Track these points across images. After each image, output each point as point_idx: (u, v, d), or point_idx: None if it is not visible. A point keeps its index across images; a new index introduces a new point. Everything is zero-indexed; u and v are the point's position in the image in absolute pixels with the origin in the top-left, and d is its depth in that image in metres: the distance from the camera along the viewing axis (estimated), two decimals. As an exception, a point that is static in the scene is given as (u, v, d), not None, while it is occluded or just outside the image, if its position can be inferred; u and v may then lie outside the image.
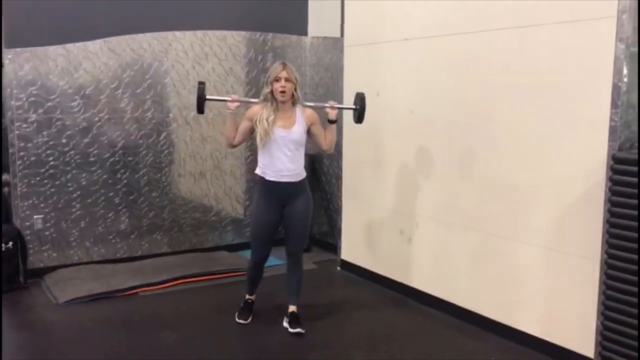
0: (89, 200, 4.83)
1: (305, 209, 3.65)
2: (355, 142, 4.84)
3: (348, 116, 4.41)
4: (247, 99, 4.03)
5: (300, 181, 3.58)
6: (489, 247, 3.72)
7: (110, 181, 4.90)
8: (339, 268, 5.10)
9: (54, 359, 3.40)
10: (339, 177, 5.13)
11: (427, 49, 4.08)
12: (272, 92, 3.46)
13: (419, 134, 4.19)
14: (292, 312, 3.75)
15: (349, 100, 4.69)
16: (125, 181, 4.96)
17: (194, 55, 5.12)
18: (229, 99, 3.55)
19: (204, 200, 5.35)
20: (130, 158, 4.96)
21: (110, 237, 4.96)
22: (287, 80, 3.43)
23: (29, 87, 4.50)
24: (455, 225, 3.93)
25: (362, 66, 4.73)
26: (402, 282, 4.39)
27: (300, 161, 3.57)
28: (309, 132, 3.58)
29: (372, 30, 4.57)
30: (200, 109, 3.58)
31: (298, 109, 3.55)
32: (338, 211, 5.24)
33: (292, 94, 3.48)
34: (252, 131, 3.55)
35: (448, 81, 3.92)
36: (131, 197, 5.00)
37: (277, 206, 3.59)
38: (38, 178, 4.61)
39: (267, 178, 3.52)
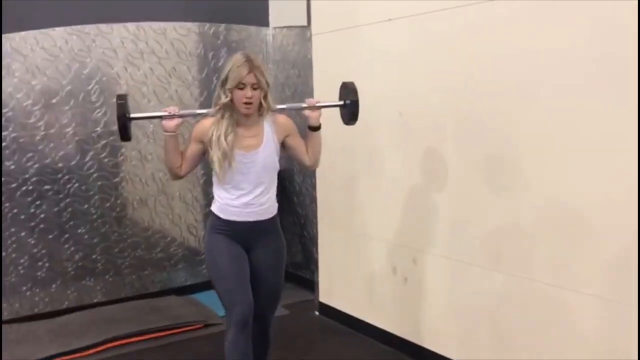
0: (-7, 243, 3.78)
1: (278, 257, 2.64)
2: (331, 154, 3.83)
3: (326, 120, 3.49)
4: (191, 112, 2.86)
5: (271, 219, 2.57)
6: (516, 295, 2.73)
7: (22, 217, 3.85)
8: (317, 313, 4.08)
9: None
10: (313, 199, 4.12)
11: (417, 30, 3.11)
12: (231, 100, 2.42)
13: (413, 142, 3.20)
14: None
15: (323, 98, 3.75)
16: (41, 216, 3.91)
17: (125, 54, 4.10)
18: (165, 113, 2.45)
19: (146, 233, 4.30)
20: (47, 186, 3.91)
21: (25, 287, 3.90)
22: (255, 87, 2.37)
23: None
24: (467, 262, 2.94)
25: (334, 58, 3.74)
26: (398, 335, 3.39)
27: (273, 191, 2.58)
28: (284, 146, 2.57)
29: (345, 11, 3.58)
30: (125, 134, 2.42)
31: (267, 119, 2.51)
32: (314, 240, 4.25)
33: (261, 102, 2.45)
34: (203, 154, 2.51)
35: (447, 70, 2.95)
36: (50, 236, 3.95)
37: (239, 245, 2.55)
38: None
39: (225, 217, 2.51)
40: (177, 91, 4.29)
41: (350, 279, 3.81)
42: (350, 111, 2.60)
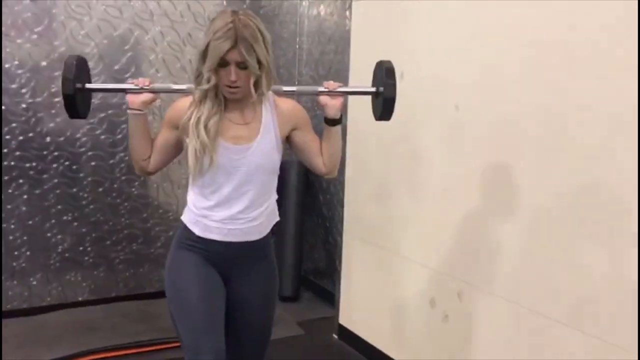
0: (-37, 226, 3.24)
1: (267, 291, 1.97)
2: (363, 152, 3.15)
3: (358, 108, 2.86)
4: (166, 86, 2.08)
5: (261, 239, 1.90)
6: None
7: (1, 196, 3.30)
8: (335, 336, 3.42)
9: None
10: (341, 201, 3.44)
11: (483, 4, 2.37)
12: (215, 83, 1.73)
13: (473, 144, 2.48)
14: None
15: (359, 82, 3.06)
16: (23, 197, 3.35)
17: (132, 14, 3.47)
18: (131, 85, 1.83)
19: (145, 224, 3.71)
20: (30, 164, 3.34)
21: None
22: (241, 66, 1.69)
23: None
24: (537, 312, 2.22)
25: (378, 31, 3.02)
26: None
27: (269, 201, 1.90)
28: (289, 142, 1.91)
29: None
30: (72, 109, 1.80)
31: (266, 103, 1.84)
32: (338, 247, 3.58)
33: (253, 85, 1.75)
34: (179, 147, 1.86)
35: (521, 56, 2.21)
36: (31, 222, 3.39)
37: (213, 269, 1.87)
38: None
39: (201, 233, 1.84)
40: (191, 61, 3.65)
41: (375, 303, 3.12)
42: (383, 100, 1.83)
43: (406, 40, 2.78)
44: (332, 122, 1.85)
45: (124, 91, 1.84)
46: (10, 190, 3.30)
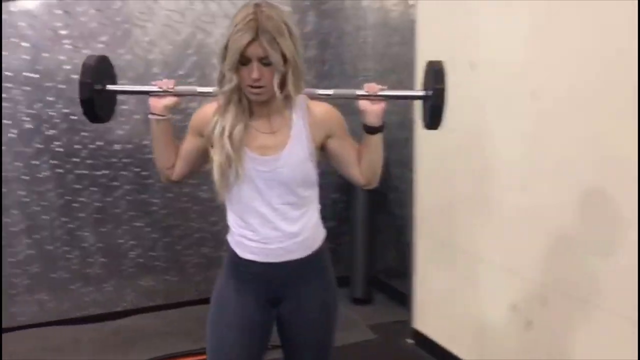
0: (40, 236, 3.32)
1: (323, 312, 1.78)
2: (435, 146, 2.99)
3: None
4: (190, 89, 1.78)
5: (310, 255, 1.73)
6: None
7: (74, 205, 3.36)
8: (409, 341, 3.29)
9: None
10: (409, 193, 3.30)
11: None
12: (237, 83, 1.56)
13: (551, 134, 2.28)
14: None
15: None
16: (95, 205, 3.40)
17: (193, 18, 3.45)
18: (154, 88, 1.69)
19: (214, 228, 3.70)
20: (102, 172, 3.39)
21: (74, 286, 3.43)
22: (264, 62, 1.51)
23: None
24: (623, 315, 2.01)
25: (446, 20, 2.85)
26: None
27: (307, 214, 1.71)
28: (323, 149, 1.70)
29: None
30: (89, 111, 1.69)
31: (297, 108, 1.65)
32: (410, 249, 3.45)
33: (278, 86, 1.56)
34: (206, 155, 1.68)
35: (605, 38, 1.99)
36: (104, 229, 3.44)
37: (262, 301, 1.74)
38: (-42, 205, 3.15)
39: (242, 254, 1.71)
40: (253, 63, 3.60)
41: (451, 307, 2.96)
42: (431, 107, 1.61)
43: (478, 27, 2.60)
44: (373, 129, 1.64)
45: (147, 93, 1.71)
46: (82, 199, 3.36)
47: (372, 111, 1.62)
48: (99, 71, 1.72)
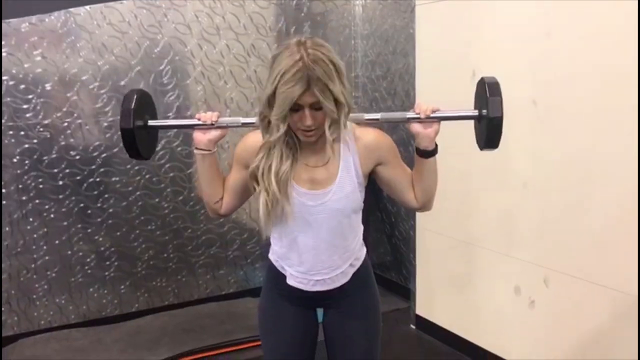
0: (59, 241, 3.43)
1: (367, 320, 1.77)
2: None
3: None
4: (234, 120, 1.69)
5: (353, 276, 1.73)
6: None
7: (88, 212, 3.49)
8: (412, 326, 3.57)
9: None
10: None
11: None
12: (286, 125, 1.52)
13: (552, 139, 2.60)
14: None
15: (426, 85, 3.19)
16: (110, 211, 3.54)
17: (200, 30, 3.63)
18: (197, 121, 1.65)
19: (222, 229, 3.89)
20: (115, 178, 3.53)
21: (93, 288, 3.56)
22: (316, 107, 1.47)
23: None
24: (630, 292, 2.35)
25: (444, 31, 3.14)
26: (518, 366, 2.85)
27: (354, 240, 1.71)
28: (374, 175, 1.69)
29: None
30: (132, 149, 1.67)
31: (345, 137, 1.60)
32: (407, 242, 3.73)
33: (329, 127, 1.52)
34: (252, 189, 1.63)
35: (602, 46, 2.32)
36: (119, 233, 3.58)
37: (306, 311, 1.78)
38: (-19, 214, 3.24)
39: (287, 280, 1.72)
40: (256, 71, 3.81)
41: (455, 293, 3.26)
42: (487, 125, 1.58)
43: (479, 36, 2.89)
44: (427, 153, 1.60)
45: (190, 127, 1.67)
46: (99, 204, 3.49)
47: (425, 135, 1.57)
48: (141, 105, 1.68)
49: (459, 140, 2.26)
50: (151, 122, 1.72)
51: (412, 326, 3.56)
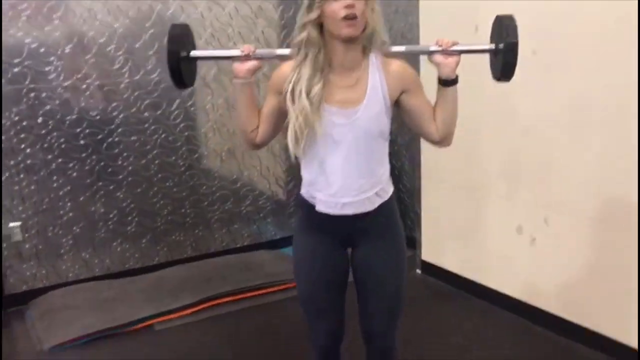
0: (83, 197, 3.61)
1: (394, 256, 1.87)
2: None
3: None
4: (269, 51, 1.92)
5: (380, 207, 1.82)
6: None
7: (109, 170, 3.65)
8: (418, 271, 3.80)
9: None
10: (410, 144, 3.77)
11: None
12: (319, 24, 1.66)
13: (552, 86, 2.78)
14: None
15: (431, 38, 3.34)
16: (129, 169, 3.71)
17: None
18: (238, 52, 1.76)
19: (235, 186, 4.07)
20: (133, 137, 3.69)
21: (115, 243, 3.75)
22: None
23: (-18, 48, 3.24)
24: (618, 223, 2.56)
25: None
26: (524, 301, 3.08)
27: (382, 168, 1.81)
28: (398, 106, 1.78)
29: None
30: (178, 78, 1.81)
31: (373, 61, 1.73)
32: (412, 192, 3.92)
33: (365, 25, 1.65)
34: (286, 115, 1.73)
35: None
36: (139, 190, 3.75)
37: (337, 246, 1.88)
38: (9, 173, 3.38)
39: (317, 208, 1.81)
40: (263, 32, 3.95)
41: (459, 238, 3.48)
42: (503, 58, 1.71)
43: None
44: (448, 82, 1.72)
45: (230, 59, 1.78)
46: (119, 162, 3.65)
47: (447, 64, 1.70)
48: (183, 37, 1.82)
49: (464, 92, 2.41)
50: (193, 53, 1.85)
51: (418, 271, 3.78)
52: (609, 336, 2.67)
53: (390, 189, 1.86)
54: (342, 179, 1.74)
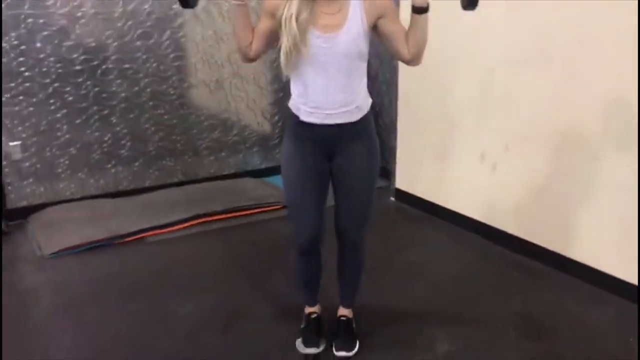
0: (79, 121, 3.83)
1: (368, 162, 2.15)
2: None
3: None
4: None
5: (358, 121, 2.09)
6: (626, 181, 2.66)
7: (104, 95, 3.86)
8: (392, 198, 4.10)
9: (29, 345, 2.52)
10: (390, 82, 4.01)
11: None
12: None
13: (514, 24, 3.02)
14: (343, 319, 2.45)
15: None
16: (123, 95, 3.92)
17: None
18: None
19: (223, 116, 4.31)
20: (126, 65, 3.88)
21: (109, 165, 4.00)
22: None
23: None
24: (570, 149, 2.85)
25: None
26: (484, 222, 3.39)
27: (360, 85, 2.07)
28: (375, 30, 2.03)
29: None
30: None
31: None
32: (390, 127, 4.18)
33: None
34: (277, 35, 1.99)
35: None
36: (131, 115, 3.98)
37: (319, 155, 2.14)
38: (9, 95, 3.59)
39: (302, 118, 2.10)
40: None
41: (429, 167, 3.77)
42: None
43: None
44: (419, 9, 1.91)
45: None
46: (113, 88, 3.86)
47: None
48: None
49: (437, 30, 2.63)
50: None
51: (392, 198, 4.08)
52: (556, 251, 2.99)
53: (367, 103, 2.12)
54: (325, 94, 2.01)
